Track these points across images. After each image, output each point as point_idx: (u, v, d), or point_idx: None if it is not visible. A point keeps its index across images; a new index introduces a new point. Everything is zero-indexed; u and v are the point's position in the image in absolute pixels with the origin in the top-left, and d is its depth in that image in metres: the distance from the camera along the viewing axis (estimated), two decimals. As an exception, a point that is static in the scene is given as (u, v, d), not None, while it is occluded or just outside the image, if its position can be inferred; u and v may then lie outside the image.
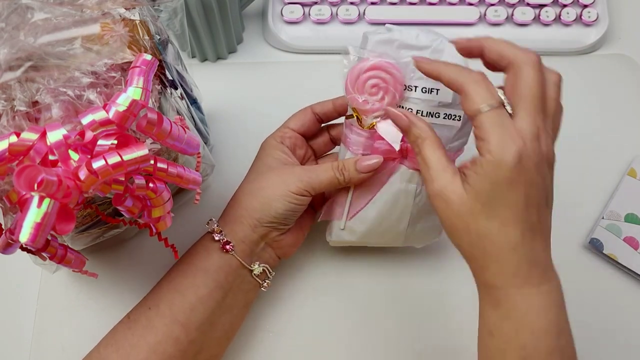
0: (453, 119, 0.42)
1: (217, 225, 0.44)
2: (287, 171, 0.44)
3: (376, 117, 0.41)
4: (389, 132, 0.40)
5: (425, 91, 0.41)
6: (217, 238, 0.43)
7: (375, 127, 0.41)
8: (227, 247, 0.43)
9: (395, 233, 0.46)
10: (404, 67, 0.40)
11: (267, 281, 0.46)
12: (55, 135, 0.29)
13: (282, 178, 0.43)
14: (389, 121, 0.40)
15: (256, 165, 0.46)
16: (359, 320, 0.50)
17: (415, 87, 0.41)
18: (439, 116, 0.42)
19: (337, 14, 0.61)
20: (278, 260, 0.47)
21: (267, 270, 0.45)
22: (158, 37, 0.38)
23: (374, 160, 0.42)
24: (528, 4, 0.61)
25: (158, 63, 0.34)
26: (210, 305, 0.42)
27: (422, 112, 0.42)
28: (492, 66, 0.36)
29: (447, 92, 0.41)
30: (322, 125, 0.50)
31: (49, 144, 0.29)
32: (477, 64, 0.37)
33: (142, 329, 0.41)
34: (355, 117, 0.42)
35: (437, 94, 0.41)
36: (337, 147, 0.51)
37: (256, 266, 0.44)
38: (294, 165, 0.46)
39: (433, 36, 0.41)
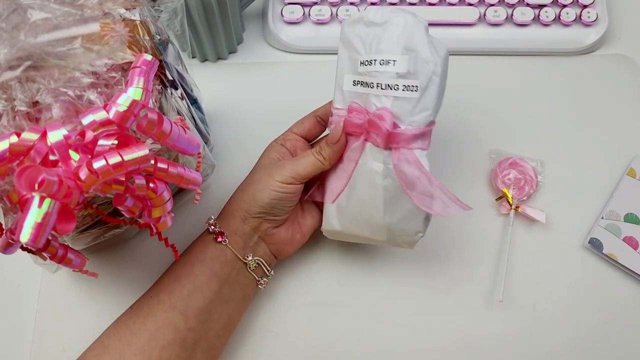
0: (411, 90, 0.41)
1: (214, 221, 0.46)
2: (275, 165, 0.46)
3: (520, 200, 0.54)
4: (533, 213, 0.53)
5: (383, 63, 0.41)
6: (211, 230, 0.45)
7: (520, 208, 0.53)
8: (220, 237, 0.44)
9: (376, 224, 0.44)
10: (366, 41, 0.42)
11: (264, 279, 0.47)
12: (55, 136, 0.29)
13: (269, 171, 0.45)
14: (530, 207, 0.53)
15: (254, 166, 0.48)
16: (360, 319, 0.50)
17: (374, 60, 0.41)
18: (397, 88, 0.41)
19: (337, 15, 0.61)
20: (274, 259, 0.48)
21: (262, 266, 0.46)
22: (158, 38, 0.38)
23: (337, 127, 0.43)
24: (528, 4, 0.61)
25: (158, 63, 0.34)
26: (207, 293, 0.43)
27: (382, 84, 0.41)
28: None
29: (402, 63, 0.40)
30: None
31: (49, 144, 0.29)
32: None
33: (143, 317, 0.42)
34: (505, 198, 0.54)
35: (394, 65, 0.41)
36: None
37: (250, 258, 0.45)
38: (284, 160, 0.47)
39: (394, 13, 0.42)
